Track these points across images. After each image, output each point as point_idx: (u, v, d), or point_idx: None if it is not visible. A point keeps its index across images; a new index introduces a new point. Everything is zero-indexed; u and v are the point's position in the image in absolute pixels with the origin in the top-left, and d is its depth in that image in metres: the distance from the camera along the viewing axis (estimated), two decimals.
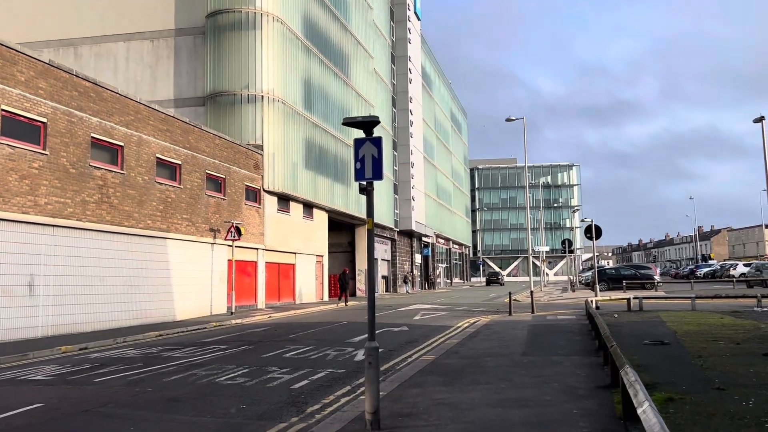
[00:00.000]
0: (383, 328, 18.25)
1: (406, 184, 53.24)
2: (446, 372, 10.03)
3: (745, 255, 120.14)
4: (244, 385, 9.66)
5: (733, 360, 10.11)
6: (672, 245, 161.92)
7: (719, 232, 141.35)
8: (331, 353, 13.05)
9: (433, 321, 20.75)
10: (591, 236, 24.11)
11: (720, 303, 23.38)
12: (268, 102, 30.26)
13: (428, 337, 15.95)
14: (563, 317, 20.59)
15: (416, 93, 57.57)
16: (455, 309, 26.78)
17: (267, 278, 29.87)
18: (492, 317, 21.40)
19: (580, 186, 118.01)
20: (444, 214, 71.25)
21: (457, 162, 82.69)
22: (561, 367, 10.10)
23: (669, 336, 13.78)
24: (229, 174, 26.86)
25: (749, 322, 16.21)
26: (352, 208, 40.07)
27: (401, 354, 12.86)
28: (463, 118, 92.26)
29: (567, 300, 31.82)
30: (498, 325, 18.06)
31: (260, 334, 17.57)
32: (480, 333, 16.03)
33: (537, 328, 16.78)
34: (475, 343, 13.93)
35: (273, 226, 30.45)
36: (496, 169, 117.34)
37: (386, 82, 49.90)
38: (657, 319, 18.22)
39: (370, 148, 6.85)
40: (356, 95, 41.88)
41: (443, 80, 75.83)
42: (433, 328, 18.08)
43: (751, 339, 12.65)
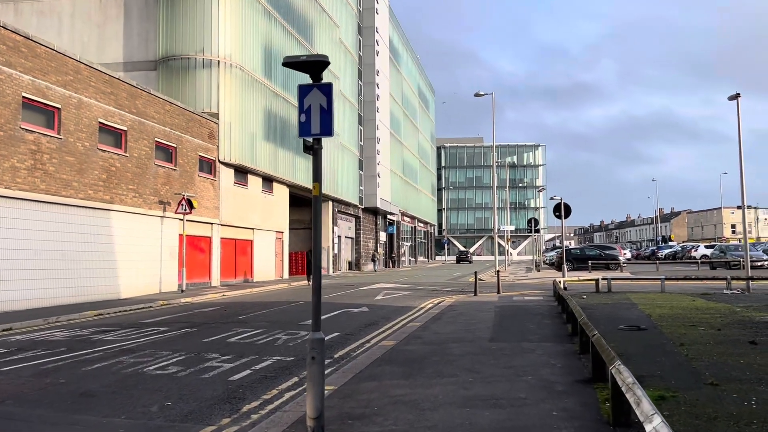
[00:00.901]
0: (342, 308, 17.12)
1: (371, 160, 51.93)
2: (407, 361, 8.95)
3: (704, 237, 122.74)
4: (175, 376, 8.42)
5: (719, 349, 9.27)
6: (633, 226, 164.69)
7: (679, 214, 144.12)
8: (281, 337, 11.86)
9: (395, 301, 19.71)
10: (560, 215, 23.31)
11: (689, 285, 22.92)
12: (225, 68, 28.50)
13: (389, 319, 14.88)
14: (530, 298, 19.78)
15: (383, 66, 56.02)
16: (419, 288, 25.83)
17: (222, 255, 28.41)
18: (457, 298, 20.48)
19: (545, 166, 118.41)
20: (410, 192, 70.25)
21: (424, 139, 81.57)
22: (534, 356, 9.11)
23: (644, 320, 12.98)
24: (181, 143, 25.17)
25: (723, 305, 15.58)
26: None
27: (359, 338, 11.75)
28: (431, 95, 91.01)
29: (532, 280, 31.20)
30: (463, 307, 17.10)
31: (208, 314, 16.26)
32: (444, 315, 15.03)
33: (504, 310, 15.87)
34: (440, 326, 12.91)
35: (229, 200, 28.90)
36: (462, 148, 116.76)
37: (352, 53, 48.23)
38: (628, 301, 17.52)
39: (317, 96, 5.61)
40: None
41: (411, 54, 74.28)
42: (395, 309, 17.03)
43: (731, 324, 11.90)
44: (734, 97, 21.16)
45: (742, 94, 20.68)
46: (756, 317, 12.93)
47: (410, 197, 70.43)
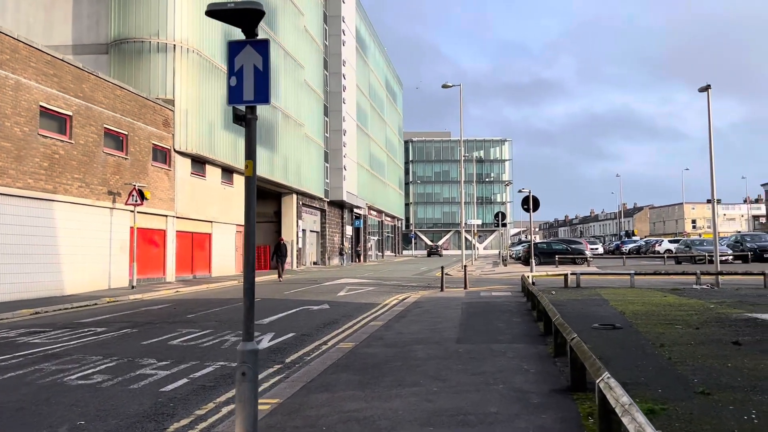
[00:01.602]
0: (301, 306, 16.12)
1: (337, 152, 50.82)
2: (366, 367, 8.04)
3: (665, 232, 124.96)
4: (98, 387, 7.35)
5: (702, 350, 8.60)
6: (597, 221, 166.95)
7: (642, 209, 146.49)
8: (230, 339, 10.83)
9: (358, 297, 18.79)
10: (528, 208, 22.68)
11: (657, 280, 22.56)
12: (182, 52, 27.10)
13: (351, 317, 13.96)
14: (498, 293, 19.08)
15: (350, 56, 54.88)
16: (384, 284, 24.96)
17: (178, 249, 27.07)
18: (423, 293, 19.66)
19: (511, 161, 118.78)
20: (377, 186, 69.35)
21: (391, 132, 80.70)
22: (504, 360, 8.29)
23: (617, 318, 12.32)
24: (133, 130, 23.75)
25: (695, 301, 15.08)
26: (278, 176, 37.44)
27: (315, 340, 10.80)
28: (399, 88, 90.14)
29: (499, 274, 30.63)
30: (429, 303, 16.28)
31: (155, 312, 15.09)
32: (409, 312, 14.17)
33: (472, 307, 15.09)
34: (403, 325, 12.04)
35: (186, 192, 27.56)
36: (430, 142, 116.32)
37: (317, 42, 47.00)
38: (598, 297, 16.94)
39: (251, 55, 4.63)
40: (284, 53, 38.92)
41: (379, 46, 73.24)
42: (357, 307, 16.10)
43: (708, 323, 11.30)
44: (704, 88, 20.76)
45: (696, 94, 20.29)
46: (732, 314, 12.39)
47: (377, 191, 69.55)
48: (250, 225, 4.61)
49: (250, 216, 4.62)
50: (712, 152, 20.54)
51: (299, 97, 41.79)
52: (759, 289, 18.42)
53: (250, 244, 4.64)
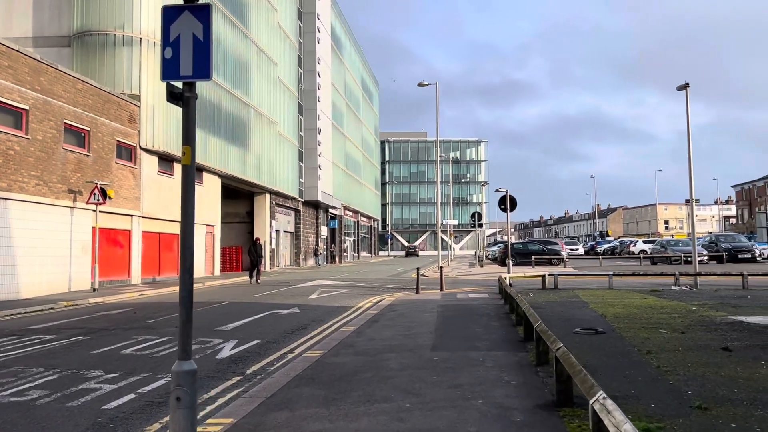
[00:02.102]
0: (269, 310, 15.37)
1: (312, 151, 49.98)
2: (333, 379, 7.37)
3: (639, 232, 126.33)
4: (33, 405, 6.57)
5: (691, 357, 8.10)
6: (571, 222, 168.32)
7: (615, 210, 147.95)
8: None
9: (331, 300, 18.09)
10: (505, 208, 22.19)
11: (635, 281, 22.25)
12: (149, 46, 26.10)
13: (321, 322, 13.26)
14: (475, 295, 18.53)
15: (325, 54, 54.08)
16: (358, 286, 24.28)
17: (144, 250, 26.07)
18: (398, 296, 19.04)
19: (487, 162, 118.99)
20: (353, 186, 68.61)
21: (367, 132, 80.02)
22: (483, 370, 7.68)
23: (599, 322, 11.84)
24: (96, 126, 22.73)
25: (676, 303, 14.69)
26: (250, 174, 36.52)
27: (281, 347, 10.09)
28: (375, 88, 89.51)
29: (476, 276, 30.17)
30: (404, 306, 15.65)
31: (113, 318, 14.21)
32: (383, 316, 13.52)
33: (448, 310, 14.50)
34: (376, 330, 11.38)
35: (152, 191, 26.56)
36: (406, 143, 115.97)
37: (292, 39, 46.12)
38: (577, 299, 16.49)
39: (190, 23, 3.94)
40: (257, 50, 38.01)
41: (354, 45, 72.51)
42: (329, 310, 15.41)
43: (693, 326, 10.86)
44: (683, 87, 20.50)
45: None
46: (717, 317, 11.98)
47: (353, 191, 68.81)
48: (188, 223, 3.91)
49: (188, 211, 3.92)
50: (691, 151, 20.28)
51: (273, 94, 40.90)
52: (738, 290, 18.16)
53: (187, 246, 3.94)
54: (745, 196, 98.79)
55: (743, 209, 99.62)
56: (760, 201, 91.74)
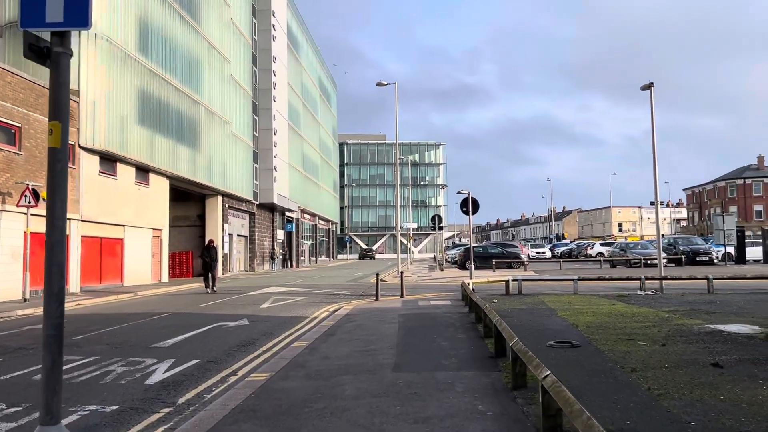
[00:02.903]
0: (216, 322, 14.09)
1: (267, 152, 48.46)
2: (278, 411, 6.26)
3: (593, 235, 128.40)
4: None
5: (682, 376, 7.29)
6: (528, 225, 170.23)
7: (570, 212, 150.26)
8: (115, 369, 8.80)
9: (284, 310, 16.89)
10: (468, 210, 21.37)
11: (599, 285, 21.70)
12: (90, 39, 24.41)
13: (272, 335, 12.09)
14: (437, 302, 17.61)
15: (281, 53, 52.65)
16: (315, 292, 23.10)
17: (84, 256, 24.31)
18: (356, 303, 17.96)
19: (445, 165, 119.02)
20: (310, 188, 67.19)
21: (325, 134, 78.70)
22: (454, 396, 6.68)
23: (571, 332, 11.03)
24: (28, 122, 20.97)
25: (647, 310, 14.05)
26: (201, 176, 34.89)
27: (223, 369, 8.91)
28: (333, 89, 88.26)
29: (437, 280, 29.33)
30: (363, 316, 14.59)
31: (36, 333, 12.70)
32: (340, 328, 12.43)
33: (410, 320, 13.50)
34: (332, 346, 10.29)
35: (93, 192, 24.82)
36: (365, 145, 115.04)
37: (246, 36, 44.58)
38: (543, 305, 15.73)
39: None
40: (208, 46, 36.43)
41: (312, 45, 71.16)
42: (281, 322, 14.23)
43: (672, 337, 10.13)
44: (647, 87, 20.07)
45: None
46: (693, 326, 11.31)
47: (311, 194, 67.39)
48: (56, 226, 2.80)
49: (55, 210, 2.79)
50: (656, 153, 19.86)
51: (225, 92, 39.33)
52: (704, 295, 17.74)
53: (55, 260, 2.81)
54: (695, 199, 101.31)
55: (694, 212, 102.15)
56: (709, 204, 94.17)
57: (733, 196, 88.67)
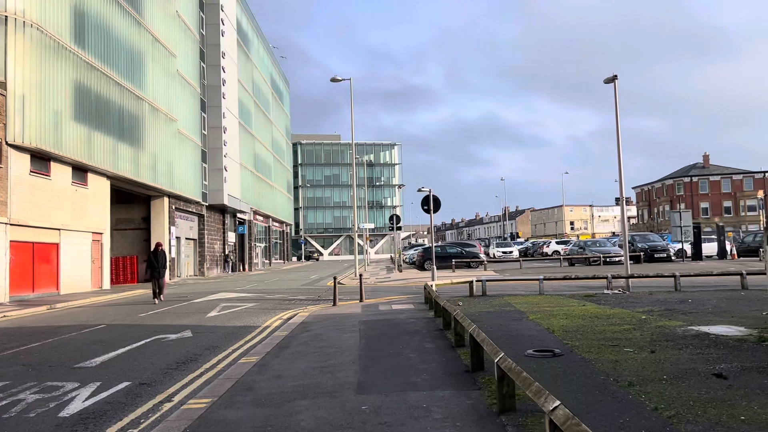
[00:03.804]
0: (155, 334, 12.66)
1: (217, 151, 46.58)
2: None
3: (546, 233, 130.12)
4: None
5: (686, 390, 6.41)
6: (482, 224, 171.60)
7: (524, 212, 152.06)
8: (27, 398, 7.40)
9: (233, 318, 15.54)
10: (429, 208, 20.41)
11: (562, 284, 21.06)
12: (17, 27, 22.45)
13: (217, 349, 10.80)
14: (399, 306, 16.55)
15: (230, 49, 50.80)
16: (268, 298, 21.75)
17: (13, 263, 22.30)
18: (312, 309, 16.74)
19: (401, 165, 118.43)
20: (263, 189, 65.32)
21: (278, 133, 76.84)
22: (431, 426, 5.60)
23: (548, 338, 10.14)
24: None
25: (620, 311, 13.33)
26: (146, 176, 32.96)
27: (157, 393, 7.61)
28: (286, 87, 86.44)
29: (396, 282, 28.31)
30: (320, 324, 13.41)
31: None
32: (294, 340, 11.22)
33: (371, 328, 12.39)
34: (285, 361, 9.10)
35: (23, 193, 22.82)
36: (320, 145, 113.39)
37: (192, 30, 42.65)
38: (511, 308, 14.87)
39: None
40: (152, 39, 34.51)
41: (263, 43, 69.30)
42: (229, 333, 12.91)
43: (659, 342, 9.33)
44: (611, 80, 19.53)
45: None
46: (676, 328, 10.57)
47: (264, 195, 65.52)
48: None
49: None
50: (620, 149, 19.30)
51: (171, 88, 37.40)
52: (672, 293, 17.23)
53: None
54: (644, 197, 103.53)
55: (643, 209, 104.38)
56: (658, 201, 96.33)
57: (681, 194, 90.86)
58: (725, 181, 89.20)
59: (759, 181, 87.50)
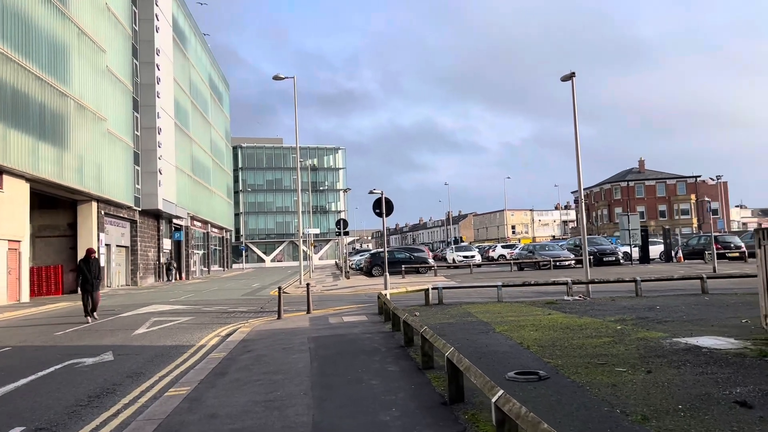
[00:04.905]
0: (68, 359, 10.83)
1: (151, 153, 43.94)
2: None
3: (488, 237, 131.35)
4: None
5: (714, 425, 5.33)
6: (426, 229, 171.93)
7: (466, 216, 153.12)
8: None
9: (164, 336, 13.78)
10: (381, 212, 19.12)
11: (518, 291, 20.14)
12: None
13: (141, 377, 9.15)
14: (352, 318, 15.17)
15: (166, 46, 48.24)
16: (205, 310, 19.94)
17: None
18: (254, 324, 15.14)
19: (345, 170, 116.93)
20: (201, 194, 62.56)
21: (218, 136, 74.05)
22: None
23: (523, 355, 9.02)
24: None
25: (591, 321, 12.40)
26: (71, 178, 30.37)
27: None
28: (225, 89, 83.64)
29: (344, 290, 26.90)
30: (263, 341, 11.88)
31: None
32: (234, 363, 9.68)
33: (323, 346, 10.97)
34: (222, 393, 7.58)
35: None
36: (261, 149, 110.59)
37: (124, 24, 40.04)
38: (472, 318, 13.76)
39: None
40: (78, 31, 31.96)
41: (201, 42, 66.62)
42: (157, 354, 11.22)
43: (649, 359, 8.32)
44: (568, 77, 18.80)
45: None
46: (661, 341, 9.62)
47: (202, 199, 62.75)
48: None
49: None
50: (578, 149, 18.57)
51: (100, 85, 34.82)
52: (635, 299, 16.55)
53: None
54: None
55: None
56: (596, 206, 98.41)
57: (618, 198, 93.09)
58: (660, 185, 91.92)
59: (691, 186, 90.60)
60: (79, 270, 17.60)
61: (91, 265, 17.53)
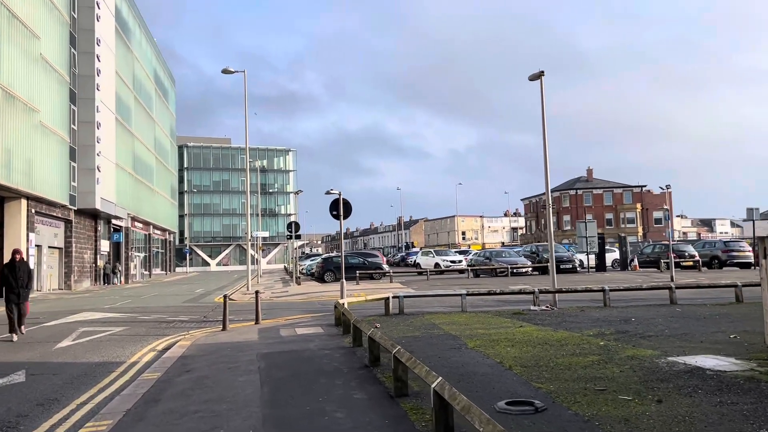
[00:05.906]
0: None
1: (89, 149, 41.29)
2: None
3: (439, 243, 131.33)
4: None
5: None
6: (377, 234, 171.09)
7: (417, 221, 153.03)
8: None
9: (91, 350, 12.10)
10: (338, 214, 17.81)
11: (481, 300, 19.15)
12: None
13: (54, 405, 7.59)
14: (306, 330, 13.80)
15: (107, 37, 45.60)
16: (141, 319, 18.16)
17: None
18: (196, 336, 13.60)
19: (296, 172, 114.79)
20: (144, 193, 59.67)
21: (162, 134, 71.07)
22: None
23: (505, 377, 7.93)
24: None
25: (569, 335, 11.45)
26: None
27: None
28: (171, 85, 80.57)
29: (296, 297, 25.42)
30: (206, 359, 10.41)
31: None
32: (170, 386, 8.22)
33: (275, 365, 9.60)
34: (152, 427, 6.15)
35: None
36: (208, 149, 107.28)
37: (61, 11, 37.44)
38: (439, 330, 12.65)
39: None
40: (9, 15, 29.48)
41: (147, 35, 63.76)
42: (80, 374, 9.62)
43: (650, 383, 7.34)
44: (536, 76, 17.99)
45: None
46: (656, 360, 8.69)
47: (144, 199, 59.85)
48: None
49: None
50: (546, 152, 17.76)
51: (33, 74, 32.30)
52: (603, 309, 15.79)
53: None
54: (532, 209, 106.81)
55: (531, 221, 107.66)
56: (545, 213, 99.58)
57: (567, 206, 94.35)
58: (607, 194, 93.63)
59: (637, 195, 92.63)
60: (2, 276, 14.43)
61: (18, 270, 14.59)
